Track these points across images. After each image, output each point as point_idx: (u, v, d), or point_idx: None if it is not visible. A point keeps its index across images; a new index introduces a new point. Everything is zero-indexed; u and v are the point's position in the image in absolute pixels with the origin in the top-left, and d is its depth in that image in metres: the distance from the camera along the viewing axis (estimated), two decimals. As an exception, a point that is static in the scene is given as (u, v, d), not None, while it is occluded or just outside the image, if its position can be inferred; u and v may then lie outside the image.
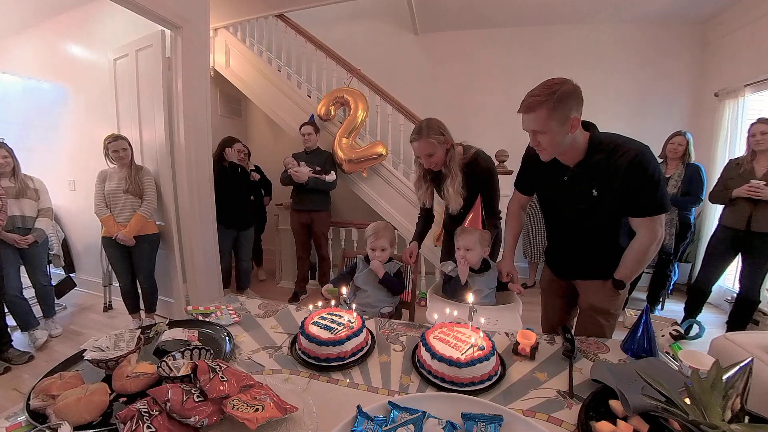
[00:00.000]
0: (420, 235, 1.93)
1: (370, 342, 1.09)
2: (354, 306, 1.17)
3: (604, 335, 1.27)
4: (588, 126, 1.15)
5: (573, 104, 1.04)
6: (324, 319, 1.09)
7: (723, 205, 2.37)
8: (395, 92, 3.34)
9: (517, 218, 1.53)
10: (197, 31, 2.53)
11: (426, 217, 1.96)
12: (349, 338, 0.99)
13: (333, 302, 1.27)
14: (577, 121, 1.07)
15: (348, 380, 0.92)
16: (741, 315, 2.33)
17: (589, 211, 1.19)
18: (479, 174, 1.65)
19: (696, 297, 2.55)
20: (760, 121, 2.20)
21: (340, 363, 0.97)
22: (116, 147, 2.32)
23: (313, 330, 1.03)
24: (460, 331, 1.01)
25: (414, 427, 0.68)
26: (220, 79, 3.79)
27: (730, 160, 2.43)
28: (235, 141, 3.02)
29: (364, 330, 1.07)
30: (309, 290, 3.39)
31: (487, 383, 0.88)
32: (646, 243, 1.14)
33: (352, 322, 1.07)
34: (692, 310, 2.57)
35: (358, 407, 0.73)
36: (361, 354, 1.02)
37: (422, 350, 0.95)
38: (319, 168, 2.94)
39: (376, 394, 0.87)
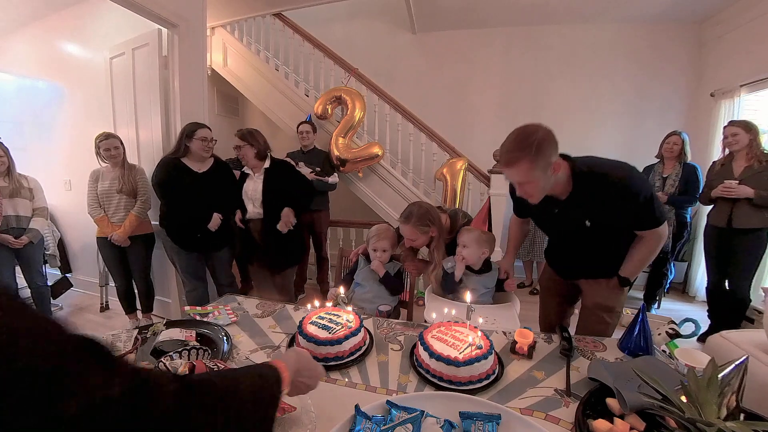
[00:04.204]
0: None
1: (368, 341, 1.09)
2: (351, 308, 1.17)
3: (607, 332, 1.28)
4: (564, 156, 1.15)
5: (551, 150, 1.04)
6: (322, 318, 1.09)
7: (710, 205, 2.44)
8: (393, 91, 3.34)
9: (520, 226, 1.57)
10: (194, 30, 2.52)
11: None
12: (347, 338, 0.99)
13: (330, 303, 1.26)
14: (558, 165, 1.06)
15: (346, 380, 0.92)
16: (733, 314, 2.33)
17: (587, 234, 1.21)
18: None
19: (716, 301, 2.48)
20: (731, 123, 2.32)
21: (339, 363, 0.97)
22: (108, 146, 2.29)
23: (311, 329, 1.03)
24: (458, 330, 1.02)
25: (412, 426, 0.68)
26: (217, 78, 3.77)
27: (713, 162, 2.49)
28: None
29: (362, 329, 1.07)
30: (307, 290, 3.39)
31: (485, 382, 0.89)
32: (652, 244, 1.17)
33: (350, 322, 1.07)
34: (717, 316, 2.45)
35: (357, 407, 0.72)
36: (359, 353, 1.02)
37: (420, 349, 0.95)
38: (318, 169, 2.94)
39: (375, 393, 0.87)
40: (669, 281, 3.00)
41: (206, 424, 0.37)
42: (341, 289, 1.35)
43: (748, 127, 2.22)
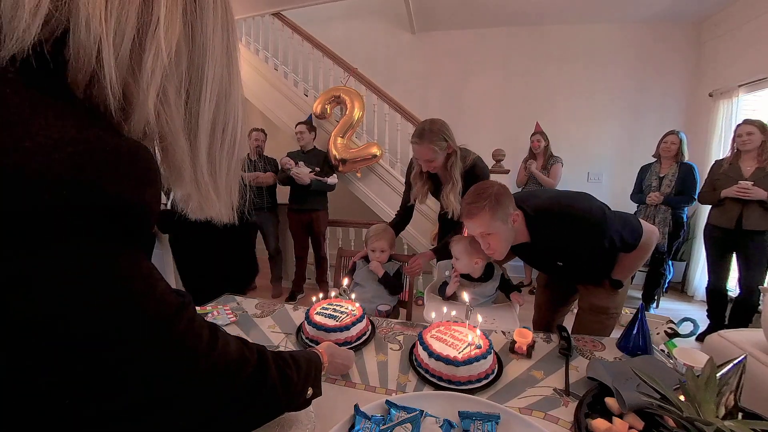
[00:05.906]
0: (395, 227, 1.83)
1: (370, 328, 1.14)
2: (353, 296, 1.19)
3: (605, 334, 1.29)
4: (519, 206, 1.19)
5: (508, 201, 1.12)
6: (326, 309, 1.15)
7: (711, 206, 2.42)
8: (392, 91, 3.34)
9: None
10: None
11: (404, 216, 1.88)
12: (354, 324, 1.05)
13: (333, 294, 1.28)
14: (516, 215, 1.12)
15: (345, 380, 0.92)
16: (740, 317, 2.32)
17: (568, 267, 1.25)
18: (473, 183, 1.63)
19: (716, 301, 2.49)
20: (746, 122, 2.28)
21: (349, 348, 1.00)
22: None
23: (319, 319, 1.08)
24: (457, 329, 1.02)
25: (411, 426, 0.68)
26: (216, 78, 3.76)
27: (716, 161, 2.48)
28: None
29: (365, 317, 1.14)
30: (306, 290, 3.39)
31: (484, 381, 0.89)
32: (640, 252, 1.18)
33: (353, 311, 1.12)
34: (717, 316, 2.47)
35: (356, 406, 0.72)
36: (365, 338, 1.08)
37: (419, 349, 0.95)
38: (318, 168, 2.94)
39: (374, 393, 0.87)
40: (667, 281, 3.01)
41: (288, 377, 0.56)
42: (345, 282, 1.36)
43: (764, 128, 2.20)
